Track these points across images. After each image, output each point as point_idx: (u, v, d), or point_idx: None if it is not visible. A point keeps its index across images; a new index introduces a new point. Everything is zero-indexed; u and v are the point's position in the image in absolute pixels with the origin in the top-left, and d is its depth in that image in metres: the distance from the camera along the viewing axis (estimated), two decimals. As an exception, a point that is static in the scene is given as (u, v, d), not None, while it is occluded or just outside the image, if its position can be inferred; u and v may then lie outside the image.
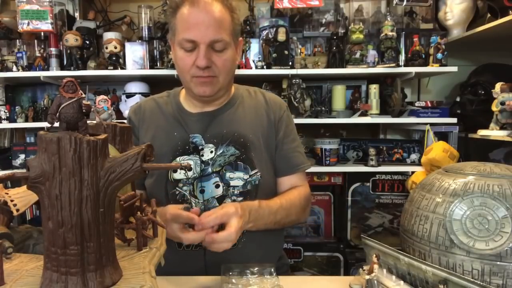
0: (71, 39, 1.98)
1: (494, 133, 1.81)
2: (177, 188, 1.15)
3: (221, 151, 1.16)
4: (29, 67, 2.06)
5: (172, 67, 2.00)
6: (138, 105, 1.29)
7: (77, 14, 2.30)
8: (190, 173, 1.15)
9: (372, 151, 2.05)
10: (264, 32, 2.08)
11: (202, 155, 1.16)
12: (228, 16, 1.09)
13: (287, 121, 1.27)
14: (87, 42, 2.08)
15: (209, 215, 0.98)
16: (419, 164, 2.04)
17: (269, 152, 1.22)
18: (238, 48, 1.19)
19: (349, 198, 2.18)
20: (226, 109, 1.22)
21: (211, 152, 1.16)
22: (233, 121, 1.20)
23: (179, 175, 1.15)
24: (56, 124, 0.59)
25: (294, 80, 1.99)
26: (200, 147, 1.16)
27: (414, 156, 2.11)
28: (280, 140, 1.24)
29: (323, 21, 2.20)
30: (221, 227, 1.00)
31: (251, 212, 1.06)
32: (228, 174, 1.14)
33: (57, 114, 0.58)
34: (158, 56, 2.10)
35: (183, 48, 1.09)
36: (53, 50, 2.06)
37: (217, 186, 1.15)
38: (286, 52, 1.99)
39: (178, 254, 1.14)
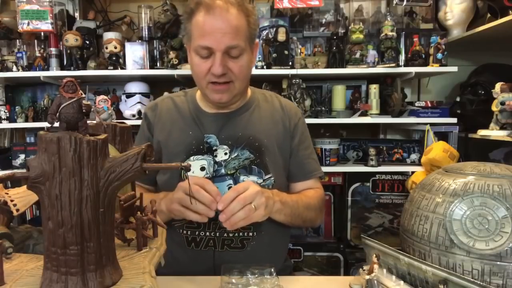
0: (71, 39, 1.98)
1: (494, 133, 1.81)
2: None
3: (235, 154, 1.16)
4: (29, 67, 2.06)
5: (172, 67, 2.00)
6: (155, 103, 1.29)
7: (77, 14, 2.30)
8: (203, 173, 1.15)
9: (372, 151, 2.05)
10: (264, 32, 2.08)
11: (216, 156, 1.16)
12: (244, 21, 1.08)
13: (302, 128, 1.29)
14: (87, 42, 2.08)
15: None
16: (419, 164, 2.03)
17: (283, 158, 1.22)
18: (254, 51, 1.18)
19: (349, 198, 2.17)
20: (242, 112, 1.22)
21: (225, 154, 1.16)
22: (248, 124, 1.20)
23: (192, 174, 1.14)
24: (56, 124, 0.59)
25: (294, 80, 1.99)
26: (214, 148, 1.16)
27: (414, 156, 2.11)
28: (295, 147, 1.25)
29: (323, 21, 2.19)
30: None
31: (273, 192, 1.08)
32: (242, 178, 1.15)
33: (57, 114, 0.58)
34: (158, 56, 2.10)
35: (199, 54, 1.08)
36: (53, 50, 2.06)
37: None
38: (286, 52, 1.99)
39: (187, 253, 1.14)
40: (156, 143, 1.21)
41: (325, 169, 2.08)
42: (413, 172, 2.01)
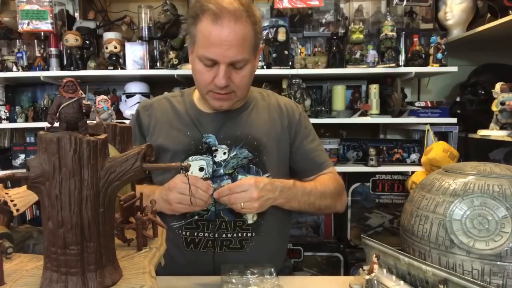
0: (71, 39, 1.98)
1: (494, 133, 1.81)
2: None
3: (234, 153, 1.15)
4: (29, 67, 2.06)
5: (172, 67, 2.00)
6: (150, 103, 1.27)
7: (77, 14, 2.30)
8: (202, 174, 1.14)
9: (372, 151, 2.05)
10: (264, 32, 2.08)
11: (215, 156, 1.15)
12: (250, 31, 1.06)
13: (305, 122, 1.28)
14: (87, 42, 2.07)
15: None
16: (419, 164, 2.03)
17: (281, 156, 1.22)
18: (258, 55, 1.17)
19: (349, 198, 2.17)
20: (241, 111, 1.22)
21: (224, 153, 1.16)
22: (247, 123, 1.20)
23: (191, 174, 1.14)
24: (56, 124, 0.59)
25: (294, 80, 1.99)
26: (213, 148, 1.16)
27: (414, 156, 2.11)
28: (300, 142, 1.24)
29: (323, 21, 2.19)
30: None
31: (283, 190, 1.09)
32: (240, 177, 1.14)
33: (57, 114, 0.58)
34: (158, 56, 2.10)
35: (202, 62, 1.07)
36: (53, 50, 2.06)
37: None
38: (286, 52, 1.99)
39: (185, 255, 1.14)
40: (154, 145, 1.20)
41: (325, 169, 2.08)
42: (413, 172, 2.01)
